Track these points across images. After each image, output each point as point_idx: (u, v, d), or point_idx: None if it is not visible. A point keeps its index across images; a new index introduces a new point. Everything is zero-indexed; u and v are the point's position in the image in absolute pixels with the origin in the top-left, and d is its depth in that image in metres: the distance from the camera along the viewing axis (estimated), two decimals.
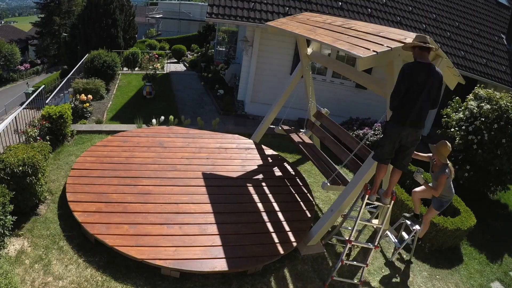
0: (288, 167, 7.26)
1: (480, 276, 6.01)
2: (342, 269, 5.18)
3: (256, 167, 7.04)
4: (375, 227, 6.36)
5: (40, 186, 5.28)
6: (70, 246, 4.76)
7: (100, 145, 7.01)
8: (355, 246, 5.57)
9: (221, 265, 4.59)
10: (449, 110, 7.96)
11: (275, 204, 5.97)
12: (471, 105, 7.36)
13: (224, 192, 6.08)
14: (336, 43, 4.63)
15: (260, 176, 6.74)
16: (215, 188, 6.15)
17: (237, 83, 12.38)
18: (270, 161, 7.36)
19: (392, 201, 4.84)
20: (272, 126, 8.28)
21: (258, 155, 7.53)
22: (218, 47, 19.77)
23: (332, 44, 4.68)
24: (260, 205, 5.88)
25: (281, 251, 4.99)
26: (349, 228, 5.38)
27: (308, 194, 6.42)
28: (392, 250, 5.88)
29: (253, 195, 6.12)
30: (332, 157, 6.64)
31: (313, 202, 6.28)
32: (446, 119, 7.84)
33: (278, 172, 6.98)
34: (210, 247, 4.83)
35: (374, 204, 4.86)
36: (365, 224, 5.58)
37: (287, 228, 5.45)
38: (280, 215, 5.73)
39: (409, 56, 4.63)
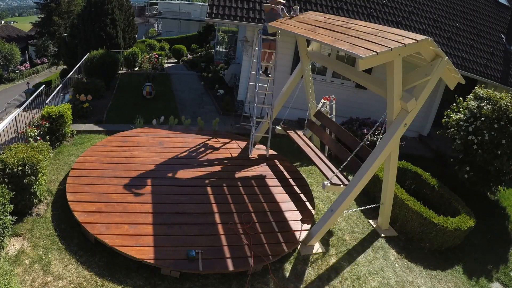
0: (288, 167, 7.25)
1: (480, 276, 6.00)
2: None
3: (256, 167, 7.03)
4: (374, 226, 6.37)
5: (40, 186, 5.28)
6: (70, 246, 4.75)
7: (100, 145, 7.01)
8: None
9: (221, 265, 4.59)
10: (449, 111, 7.96)
11: (275, 204, 5.96)
12: (472, 105, 7.36)
13: (224, 192, 6.08)
14: (336, 43, 4.63)
15: (260, 176, 6.73)
16: (215, 188, 6.15)
17: (237, 83, 12.38)
18: (270, 161, 7.35)
19: None
20: (272, 126, 8.27)
21: (258, 155, 7.52)
22: (218, 47, 19.78)
23: (332, 44, 4.68)
24: (260, 205, 5.87)
25: (281, 251, 4.99)
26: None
27: (308, 194, 6.42)
28: None
29: (253, 195, 6.12)
30: (332, 157, 6.64)
31: (313, 202, 6.27)
32: (446, 119, 7.85)
33: (278, 172, 6.98)
34: (210, 247, 4.83)
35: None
36: None
37: (287, 228, 5.45)
38: (280, 215, 5.72)
39: (409, 55, 4.64)
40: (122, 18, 21.06)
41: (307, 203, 6.15)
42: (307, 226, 5.58)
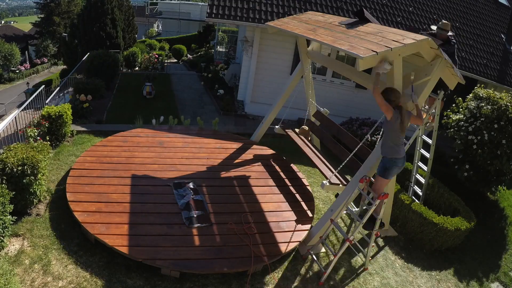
0: (288, 167, 7.25)
1: (480, 276, 6.01)
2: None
3: (256, 167, 7.03)
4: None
5: (39, 186, 5.28)
6: (70, 246, 4.75)
7: (100, 145, 7.01)
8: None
9: (221, 265, 4.59)
10: (449, 111, 7.98)
11: (275, 204, 5.96)
12: (471, 105, 7.37)
13: (224, 192, 6.08)
14: (336, 43, 4.63)
15: (260, 176, 6.73)
16: (215, 188, 6.15)
17: (237, 83, 12.39)
18: (270, 161, 7.35)
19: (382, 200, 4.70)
20: (272, 126, 8.28)
21: (258, 155, 7.52)
22: (218, 47, 19.79)
23: (332, 44, 4.68)
24: (260, 205, 5.87)
25: (281, 251, 4.99)
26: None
27: (308, 194, 6.42)
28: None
29: (253, 195, 6.12)
30: (332, 157, 6.64)
31: (313, 202, 6.27)
32: (445, 119, 7.86)
33: (277, 172, 6.98)
34: (210, 247, 4.83)
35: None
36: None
37: (287, 228, 5.45)
38: (280, 215, 5.72)
39: (409, 56, 4.64)
40: (122, 18, 21.08)
41: (307, 203, 6.14)
42: (307, 226, 5.58)
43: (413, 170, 6.84)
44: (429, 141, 6.40)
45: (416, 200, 6.62)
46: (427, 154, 6.53)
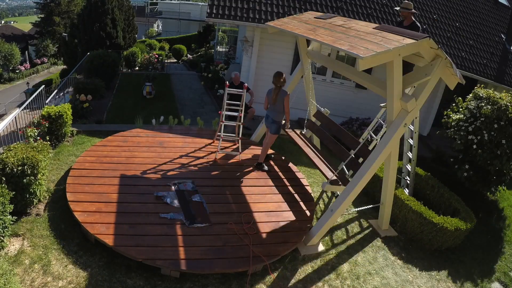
0: (288, 167, 7.25)
1: (480, 276, 6.01)
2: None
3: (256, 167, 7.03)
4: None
5: (39, 186, 5.28)
6: (70, 246, 4.75)
7: (100, 145, 7.01)
8: None
9: (221, 265, 4.59)
10: (449, 111, 7.98)
11: (275, 204, 5.97)
12: (471, 105, 7.36)
13: (224, 192, 6.08)
14: (336, 43, 4.63)
15: (260, 176, 6.73)
16: (215, 188, 6.15)
17: None
18: (270, 161, 7.35)
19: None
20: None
21: (258, 155, 7.51)
22: (218, 47, 19.80)
23: (332, 44, 4.68)
24: (260, 205, 5.87)
25: (281, 251, 4.99)
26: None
27: (307, 194, 6.42)
28: None
29: (253, 195, 6.12)
30: (332, 157, 6.64)
31: (313, 202, 6.27)
32: (445, 119, 7.86)
33: (278, 172, 6.98)
34: (210, 247, 4.83)
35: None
36: None
37: (287, 228, 5.45)
38: (280, 215, 5.73)
39: (409, 55, 4.63)
40: (122, 18, 21.08)
41: (307, 203, 6.15)
42: (307, 226, 5.58)
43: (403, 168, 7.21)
44: (412, 142, 6.79)
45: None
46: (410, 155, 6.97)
